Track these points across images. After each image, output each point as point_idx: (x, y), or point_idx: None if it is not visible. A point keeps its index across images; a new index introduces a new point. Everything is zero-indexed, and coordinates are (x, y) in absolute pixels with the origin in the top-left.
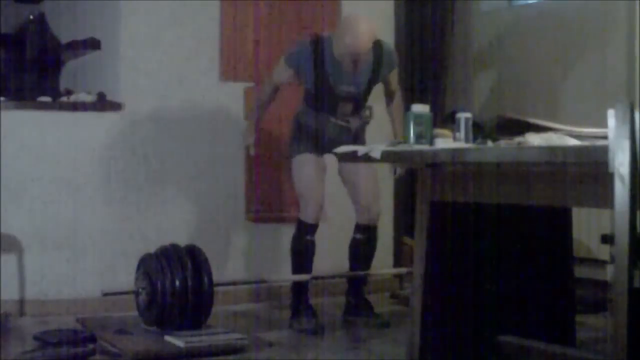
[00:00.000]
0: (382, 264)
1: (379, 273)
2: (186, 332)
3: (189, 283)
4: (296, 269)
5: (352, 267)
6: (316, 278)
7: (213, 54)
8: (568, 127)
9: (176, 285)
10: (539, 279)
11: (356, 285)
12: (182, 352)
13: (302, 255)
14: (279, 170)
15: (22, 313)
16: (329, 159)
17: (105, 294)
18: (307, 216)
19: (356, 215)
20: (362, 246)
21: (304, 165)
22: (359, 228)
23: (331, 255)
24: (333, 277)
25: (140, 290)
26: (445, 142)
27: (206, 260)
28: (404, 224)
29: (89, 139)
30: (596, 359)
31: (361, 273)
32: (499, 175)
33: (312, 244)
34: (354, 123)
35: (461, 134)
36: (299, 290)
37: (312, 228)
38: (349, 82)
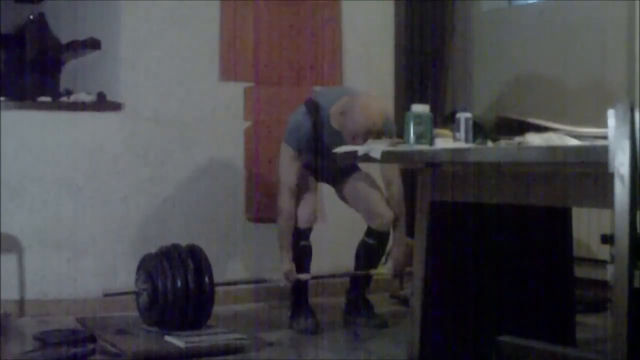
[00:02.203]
0: (382, 263)
1: (379, 273)
2: (186, 332)
3: (190, 284)
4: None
5: (358, 268)
6: (316, 278)
7: (213, 54)
8: (568, 127)
9: (177, 286)
10: (539, 279)
11: (359, 285)
12: (182, 352)
13: (299, 259)
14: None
15: (22, 313)
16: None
17: (106, 295)
18: (300, 221)
19: (368, 221)
20: (372, 251)
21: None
22: (371, 233)
23: (331, 255)
24: (333, 276)
25: (141, 290)
26: (445, 142)
27: (207, 260)
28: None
29: (89, 139)
30: (596, 359)
31: (361, 273)
32: (499, 175)
33: (308, 248)
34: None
35: (461, 134)
36: (299, 290)
37: (306, 232)
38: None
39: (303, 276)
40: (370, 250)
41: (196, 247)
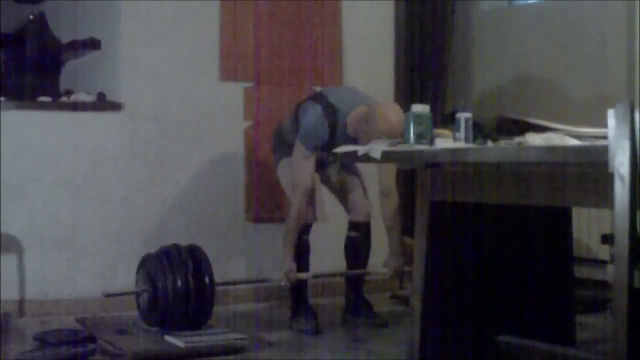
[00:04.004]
0: (382, 263)
1: (378, 272)
2: (186, 332)
3: (191, 284)
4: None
5: (349, 266)
6: (316, 276)
7: (213, 54)
8: (568, 127)
9: (178, 286)
10: (539, 279)
11: (355, 284)
12: (182, 352)
13: (299, 255)
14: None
15: (22, 313)
16: None
17: (107, 295)
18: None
19: (348, 213)
20: (357, 243)
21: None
22: (352, 225)
23: (330, 255)
24: (333, 275)
25: (141, 291)
26: (445, 142)
27: (207, 260)
28: (404, 224)
29: (89, 139)
30: (596, 359)
31: (361, 272)
32: (499, 175)
33: (307, 243)
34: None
35: (461, 134)
36: (299, 290)
37: (306, 228)
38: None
39: (303, 275)
40: (356, 243)
41: (196, 247)
